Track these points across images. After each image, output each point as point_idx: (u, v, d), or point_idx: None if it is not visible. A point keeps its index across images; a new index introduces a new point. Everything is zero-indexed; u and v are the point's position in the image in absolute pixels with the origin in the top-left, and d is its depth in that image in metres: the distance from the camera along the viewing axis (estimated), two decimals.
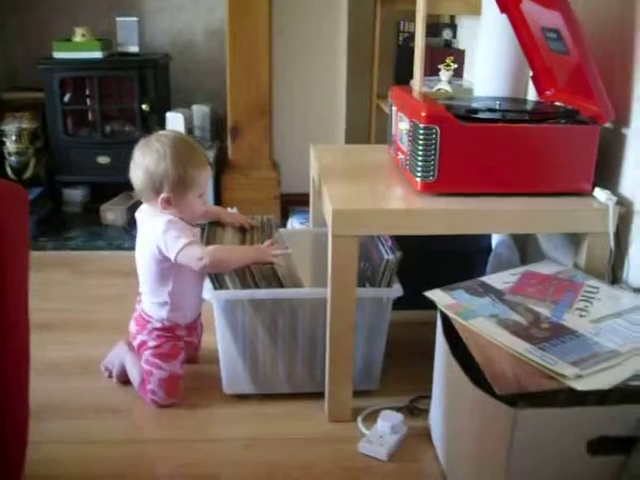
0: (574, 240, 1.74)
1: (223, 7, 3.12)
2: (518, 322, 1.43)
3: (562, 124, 1.67)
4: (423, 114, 1.63)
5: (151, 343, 1.87)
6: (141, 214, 1.88)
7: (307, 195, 2.31)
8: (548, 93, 1.93)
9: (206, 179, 1.86)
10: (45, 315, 2.26)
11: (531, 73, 1.94)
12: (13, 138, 3.21)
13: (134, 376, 1.89)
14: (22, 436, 1.41)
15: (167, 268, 1.82)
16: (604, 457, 1.28)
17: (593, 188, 1.68)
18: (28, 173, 3.27)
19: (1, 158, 3.24)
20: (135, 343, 1.92)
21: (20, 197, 1.33)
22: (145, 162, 1.78)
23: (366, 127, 3.66)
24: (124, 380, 1.93)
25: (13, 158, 3.23)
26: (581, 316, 1.46)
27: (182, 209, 1.81)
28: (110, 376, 1.96)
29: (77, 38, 3.19)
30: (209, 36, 3.50)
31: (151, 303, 1.88)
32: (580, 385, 1.23)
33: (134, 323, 1.93)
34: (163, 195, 1.78)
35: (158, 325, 1.88)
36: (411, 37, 3.20)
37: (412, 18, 2.76)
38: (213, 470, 1.62)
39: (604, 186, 1.67)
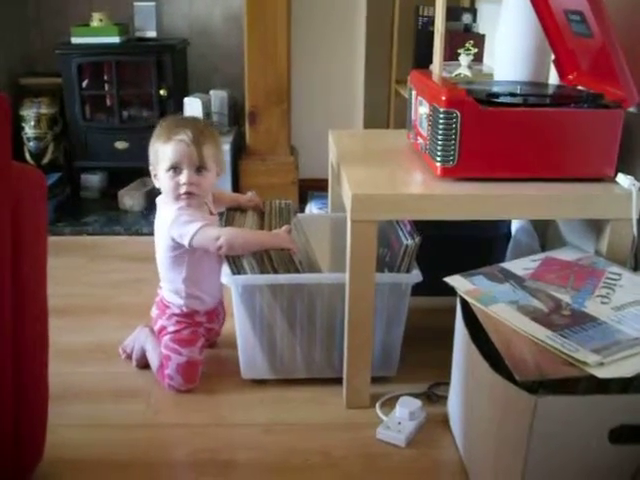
0: (595, 226, 1.71)
1: None
2: (539, 308, 1.42)
3: (585, 108, 1.65)
4: (443, 98, 1.61)
5: (170, 328, 1.88)
6: (160, 199, 1.89)
7: (325, 180, 2.30)
8: (570, 77, 1.90)
9: (171, 153, 1.77)
10: (63, 300, 2.27)
11: (553, 57, 1.92)
12: (32, 123, 3.22)
13: (153, 360, 1.89)
14: (41, 419, 1.42)
15: (180, 255, 1.82)
16: (625, 446, 1.27)
17: (616, 173, 1.65)
18: (46, 158, 3.28)
19: (20, 143, 3.24)
20: (156, 327, 1.93)
21: (38, 181, 1.33)
22: None
23: (385, 112, 3.63)
24: (144, 364, 1.94)
25: (32, 143, 3.24)
26: (603, 303, 1.44)
27: (161, 185, 1.84)
28: (127, 358, 1.97)
29: (95, 23, 3.18)
30: (227, 21, 3.48)
31: (168, 290, 1.89)
32: (602, 373, 1.21)
33: (155, 307, 1.94)
34: (151, 166, 1.85)
35: (177, 311, 1.88)
36: (430, 21, 3.16)
37: (431, 2, 2.73)
38: (231, 455, 1.62)
39: (627, 171, 1.64)
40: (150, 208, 3.06)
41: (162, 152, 1.79)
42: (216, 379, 1.89)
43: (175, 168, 1.78)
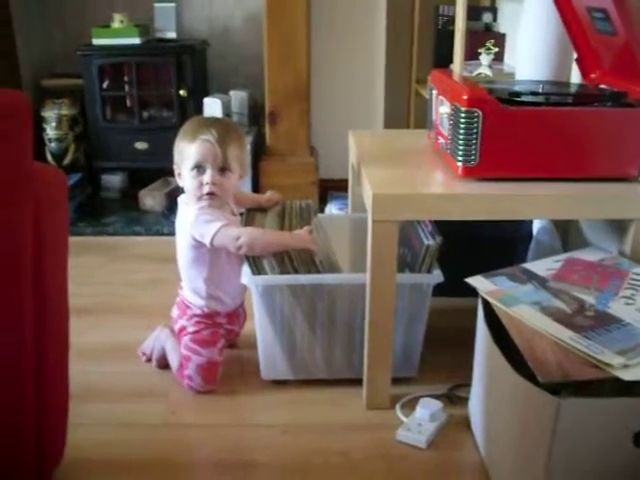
0: (619, 227, 1.69)
1: None
2: (562, 310, 1.40)
3: (608, 107, 1.63)
4: (465, 97, 1.59)
5: (190, 329, 1.88)
6: (182, 198, 1.89)
7: (345, 180, 2.29)
8: (593, 76, 1.87)
9: (196, 152, 1.77)
10: (83, 300, 2.27)
11: (575, 55, 1.90)
12: (53, 124, 3.24)
13: (173, 361, 1.89)
14: (62, 419, 1.43)
15: (201, 256, 1.82)
16: None
17: None
18: (67, 159, 3.29)
19: (41, 145, 3.26)
20: (176, 328, 1.93)
21: (59, 182, 1.33)
22: None
23: (405, 112, 3.62)
24: (164, 365, 1.94)
25: (53, 144, 3.26)
26: (627, 304, 1.42)
27: (184, 184, 1.84)
28: (148, 361, 1.97)
29: (115, 24, 3.20)
30: (247, 22, 3.48)
31: (189, 290, 1.89)
32: (627, 375, 1.20)
33: (176, 308, 1.94)
34: (175, 165, 1.85)
35: (198, 312, 1.88)
36: (450, 21, 3.15)
37: (452, 1, 2.71)
38: (250, 456, 1.61)
39: None
40: (171, 208, 3.06)
41: (187, 151, 1.79)
42: (236, 380, 1.89)
43: (199, 167, 1.78)
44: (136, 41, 3.18)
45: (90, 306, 2.30)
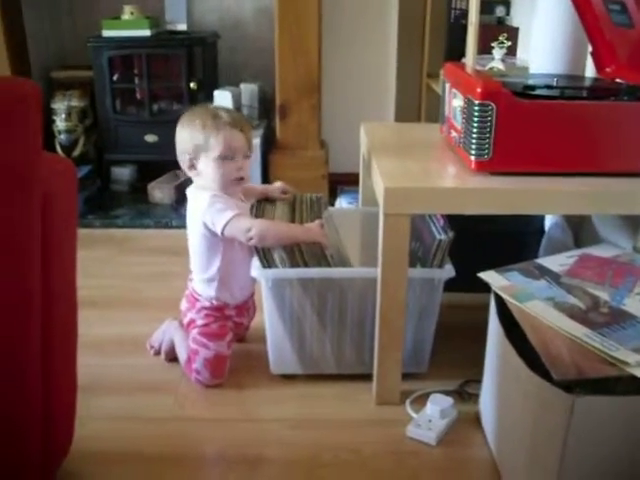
0: (632, 222, 1.68)
1: None
2: (576, 306, 1.38)
3: (625, 101, 1.61)
4: (478, 90, 1.57)
5: (199, 322, 1.87)
6: (190, 190, 1.87)
7: (356, 175, 2.28)
8: (608, 70, 1.85)
9: (224, 142, 1.77)
10: (91, 292, 2.27)
11: (590, 49, 1.87)
12: (63, 116, 3.23)
13: (181, 354, 1.88)
14: (70, 412, 1.42)
15: (215, 244, 1.81)
16: None
17: None
18: (77, 151, 3.29)
19: (51, 136, 3.26)
20: (185, 321, 1.92)
21: (69, 172, 1.32)
22: (176, 132, 1.83)
23: (416, 106, 3.59)
24: (172, 357, 1.93)
25: (63, 136, 3.25)
26: None
27: (203, 174, 1.81)
28: (156, 354, 1.97)
29: (126, 16, 3.18)
30: (258, 14, 3.47)
31: (200, 281, 1.88)
32: None
33: (185, 301, 1.93)
34: (188, 156, 1.81)
35: (207, 304, 1.87)
36: (463, 14, 3.12)
37: None
38: (259, 450, 1.60)
39: None
40: (180, 201, 3.05)
41: (211, 141, 1.77)
42: (245, 374, 1.88)
43: (226, 156, 1.78)
44: (146, 33, 3.16)
45: (98, 299, 2.29)
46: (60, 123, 3.24)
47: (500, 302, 1.47)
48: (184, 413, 1.74)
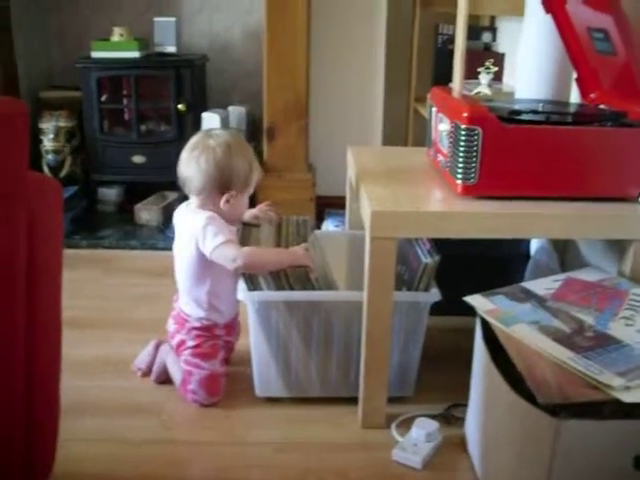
0: (617, 247, 1.69)
1: (261, 9, 3.11)
2: (561, 329, 1.39)
3: (609, 126, 1.62)
4: (465, 114, 1.59)
5: (190, 343, 1.86)
6: (180, 211, 1.88)
7: (342, 198, 2.28)
8: (592, 95, 1.87)
9: (255, 180, 1.88)
10: (76, 313, 2.25)
11: (575, 75, 1.90)
12: (50, 136, 3.22)
13: (175, 376, 1.88)
14: (52, 434, 1.40)
15: (206, 267, 1.80)
16: None
17: None
18: (64, 171, 3.28)
19: (38, 156, 3.25)
20: (174, 342, 1.91)
21: (55, 192, 1.31)
22: (211, 158, 1.78)
23: (403, 130, 3.62)
24: (162, 380, 1.92)
25: (50, 156, 3.24)
26: (627, 325, 1.41)
27: (235, 207, 1.84)
28: (144, 375, 1.95)
29: (115, 38, 3.19)
30: (246, 38, 3.49)
31: (189, 301, 1.87)
32: (627, 397, 1.18)
33: (172, 322, 1.92)
34: (231, 192, 1.81)
35: (197, 324, 1.86)
36: (450, 39, 3.16)
37: (451, 21, 2.72)
38: (243, 474, 1.59)
39: None
40: (166, 223, 3.04)
41: (250, 177, 1.84)
42: (230, 396, 1.87)
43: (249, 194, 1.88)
44: (135, 55, 3.17)
45: (83, 319, 2.28)
46: (48, 143, 3.23)
47: (486, 326, 1.48)
48: (168, 435, 1.72)
